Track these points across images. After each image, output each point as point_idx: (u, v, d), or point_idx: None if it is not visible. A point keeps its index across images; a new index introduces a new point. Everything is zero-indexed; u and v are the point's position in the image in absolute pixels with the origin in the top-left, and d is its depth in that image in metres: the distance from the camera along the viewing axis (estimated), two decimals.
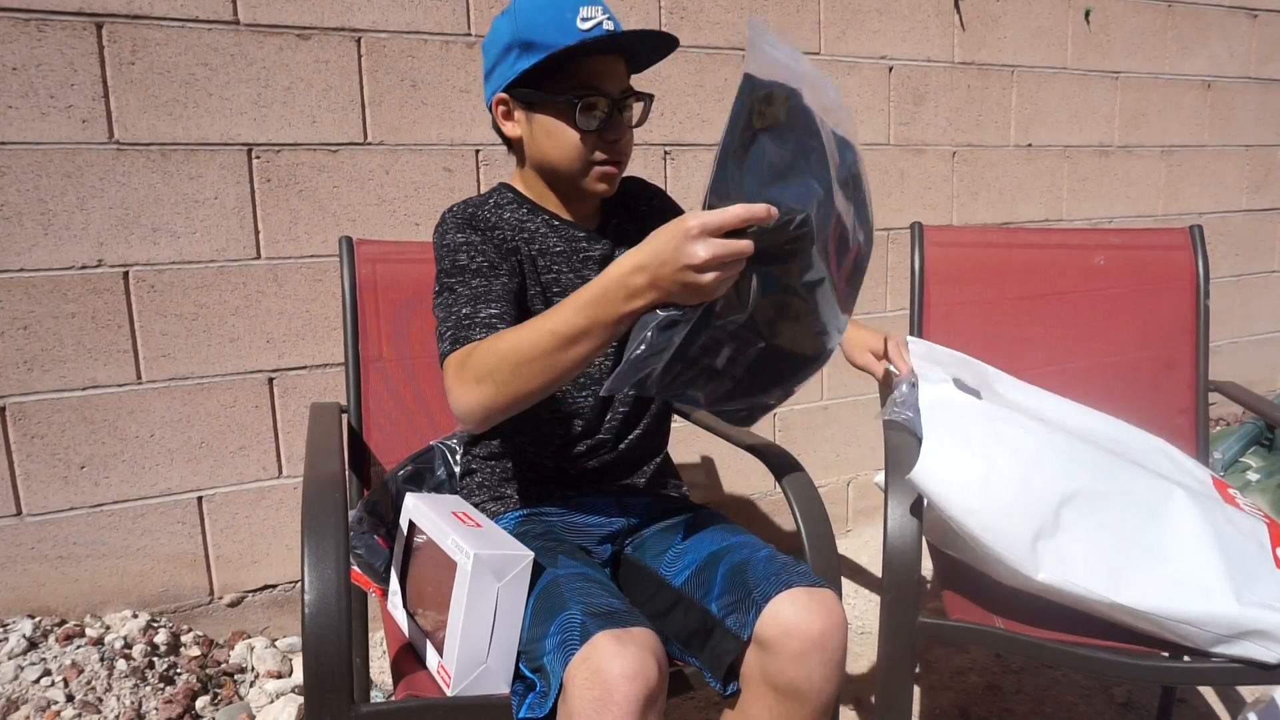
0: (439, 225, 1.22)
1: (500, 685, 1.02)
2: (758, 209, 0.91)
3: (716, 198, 0.92)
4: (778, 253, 0.98)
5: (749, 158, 0.94)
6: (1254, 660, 1.14)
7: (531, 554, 1.02)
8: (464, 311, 1.11)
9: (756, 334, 1.05)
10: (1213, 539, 1.20)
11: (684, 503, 1.35)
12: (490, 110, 1.24)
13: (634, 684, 0.90)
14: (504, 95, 1.20)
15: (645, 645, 0.94)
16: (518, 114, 1.21)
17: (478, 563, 0.99)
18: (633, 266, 0.95)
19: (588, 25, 1.14)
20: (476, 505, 1.29)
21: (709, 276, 0.91)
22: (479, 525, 1.09)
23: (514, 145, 1.26)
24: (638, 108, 1.22)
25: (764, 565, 1.09)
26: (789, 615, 1.02)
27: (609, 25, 1.15)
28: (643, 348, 0.98)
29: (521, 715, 0.96)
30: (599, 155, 1.19)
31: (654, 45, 1.18)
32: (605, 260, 1.26)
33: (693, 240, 0.90)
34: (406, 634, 1.18)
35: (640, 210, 1.35)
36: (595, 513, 1.27)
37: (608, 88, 1.17)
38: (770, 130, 0.95)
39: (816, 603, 1.04)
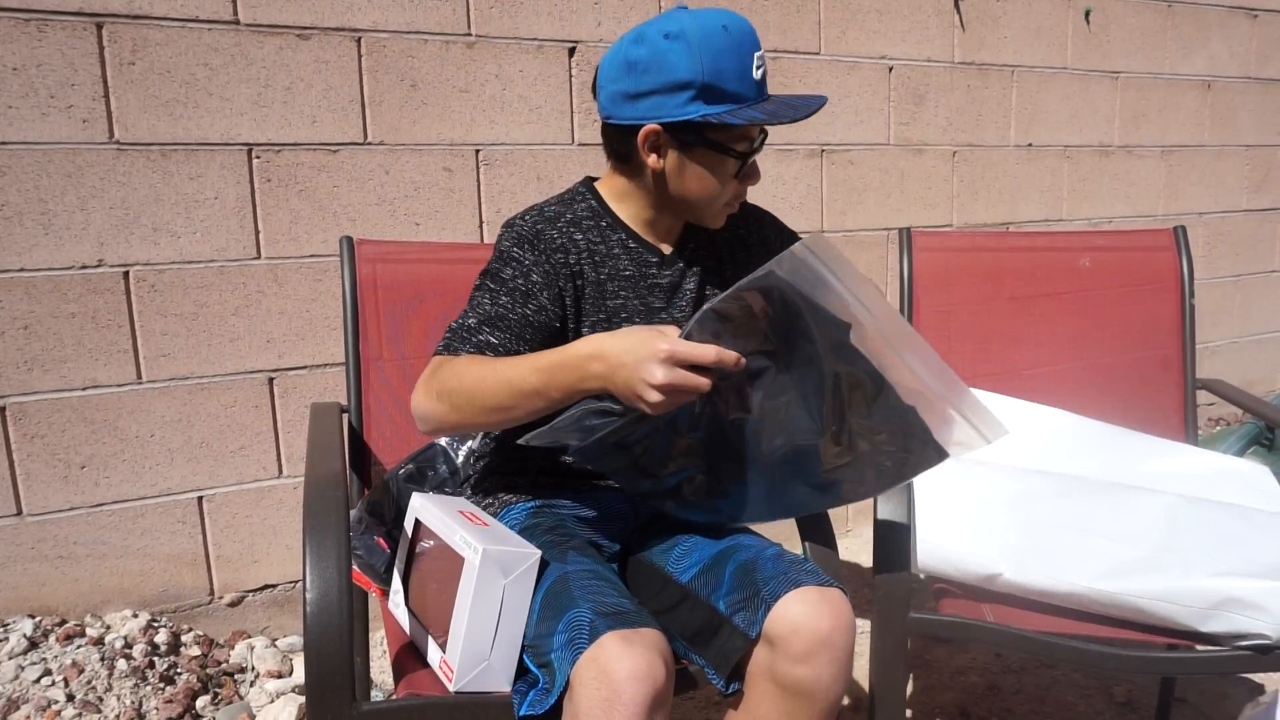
0: (508, 224, 1.22)
1: (502, 683, 1.02)
2: (729, 357, 0.94)
3: (699, 328, 0.94)
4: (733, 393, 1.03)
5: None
6: (1247, 633, 1.15)
7: (539, 553, 1.03)
8: (471, 323, 1.13)
9: (701, 458, 1.11)
10: (1200, 529, 1.22)
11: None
12: (621, 128, 1.17)
13: (641, 685, 0.90)
14: (658, 128, 1.14)
15: (653, 646, 0.95)
16: (668, 150, 1.16)
17: (486, 558, 0.99)
18: (593, 352, 0.98)
19: (759, 74, 1.14)
20: (488, 492, 1.29)
21: (656, 397, 0.94)
22: (485, 524, 1.10)
23: (635, 166, 1.20)
24: None
25: (772, 564, 1.10)
26: (798, 614, 1.03)
27: (764, 67, 1.17)
28: (565, 422, 1.03)
29: (523, 713, 0.96)
30: (735, 196, 1.22)
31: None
32: (673, 289, 1.25)
33: (657, 361, 0.93)
34: (408, 632, 1.18)
35: (722, 235, 1.31)
36: (606, 508, 1.27)
37: (756, 134, 1.19)
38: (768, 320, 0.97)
39: (826, 602, 1.04)
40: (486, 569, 0.99)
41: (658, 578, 1.19)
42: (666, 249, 1.26)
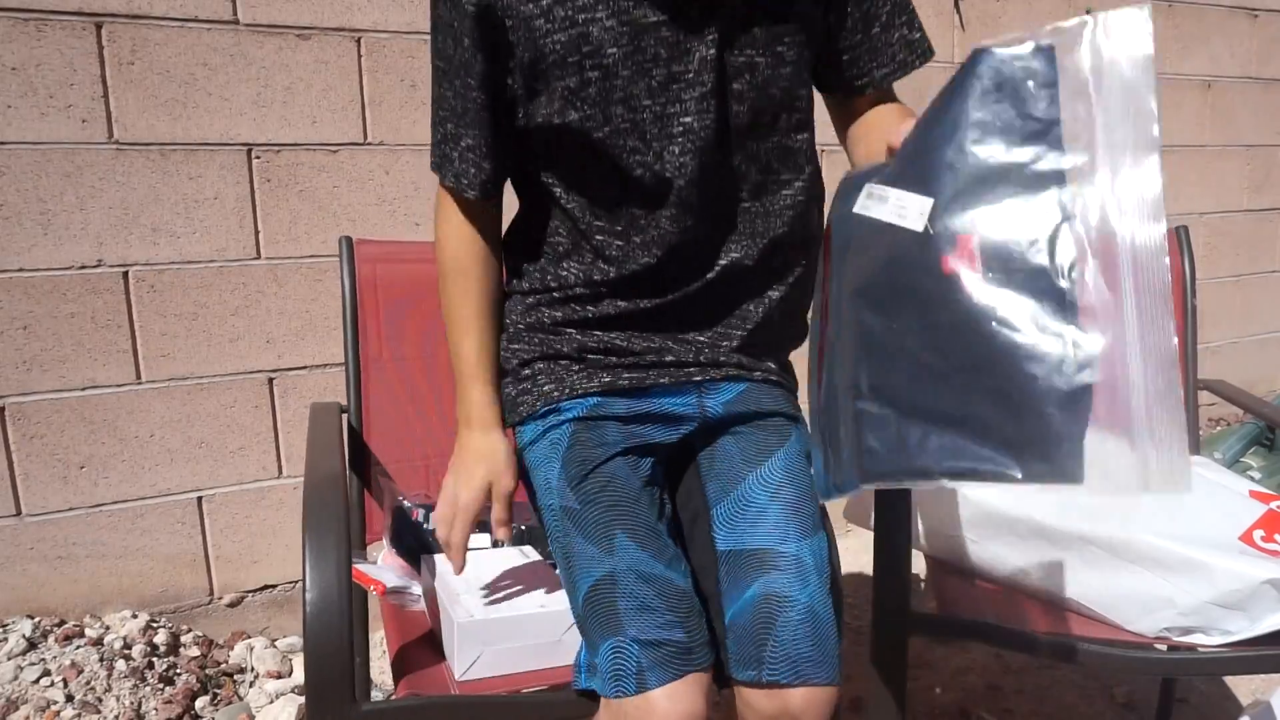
0: None
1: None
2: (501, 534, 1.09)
3: None
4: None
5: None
6: (1157, 595, 1.19)
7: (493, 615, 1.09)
8: (448, 129, 1.04)
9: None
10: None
11: (778, 413, 1.13)
12: None
13: None
14: None
15: (699, 692, 0.92)
16: None
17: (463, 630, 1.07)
18: (471, 443, 1.09)
19: None
20: (530, 374, 1.14)
21: (444, 510, 1.07)
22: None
23: None
24: None
25: (794, 628, 0.97)
26: (789, 707, 0.96)
27: None
28: None
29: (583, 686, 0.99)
30: None
31: None
32: (677, 43, 0.99)
33: (457, 508, 1.05)
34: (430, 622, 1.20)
35: None
36: (668, 413, 1.11)
37: None
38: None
39: (817, 703, 0.96)
40: (466, 644, 1.08)
41: (702, 549, 1.08)
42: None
